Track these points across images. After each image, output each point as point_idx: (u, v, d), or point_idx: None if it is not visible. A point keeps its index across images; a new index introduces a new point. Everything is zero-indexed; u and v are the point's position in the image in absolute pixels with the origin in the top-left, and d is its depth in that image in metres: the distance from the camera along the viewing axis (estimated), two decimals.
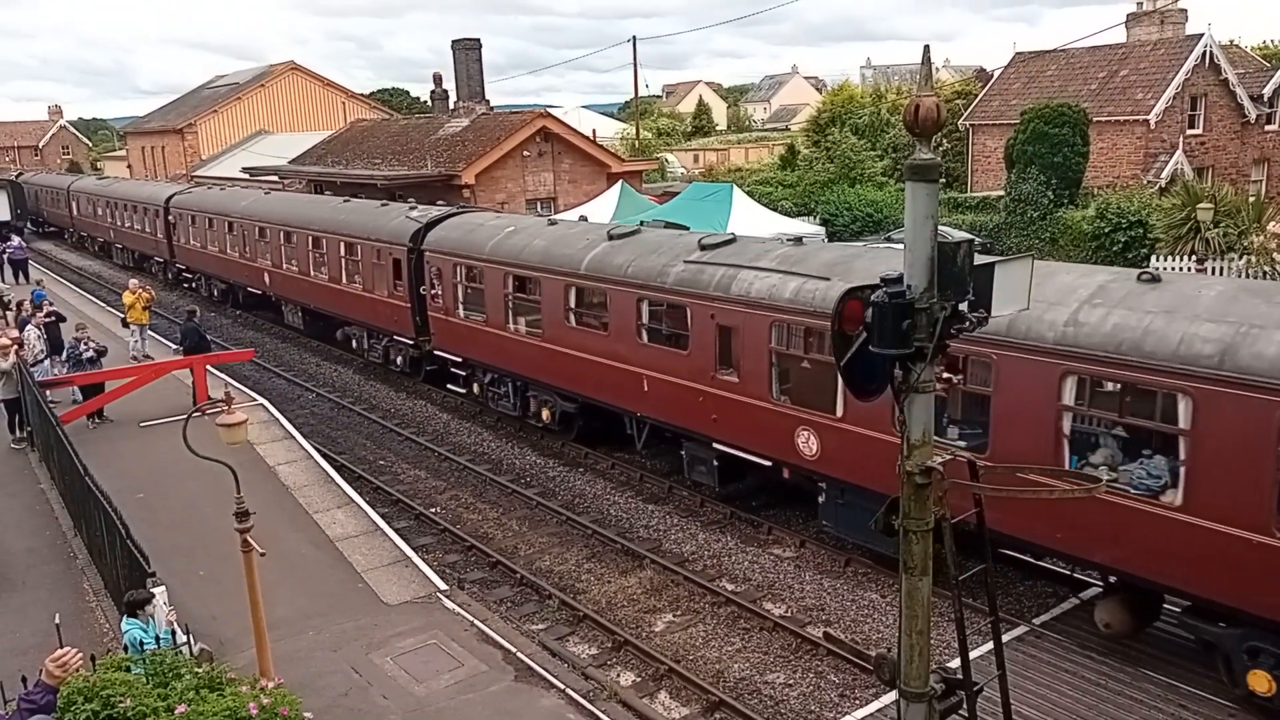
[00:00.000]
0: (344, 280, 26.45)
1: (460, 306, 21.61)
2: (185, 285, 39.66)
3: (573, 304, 18.21)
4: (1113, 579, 11.48)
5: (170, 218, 38.86)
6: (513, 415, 21.09)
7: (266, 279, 31.40)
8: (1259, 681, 9.92)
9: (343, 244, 26.33)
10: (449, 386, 23.31)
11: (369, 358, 26.74)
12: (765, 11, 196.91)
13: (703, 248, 16.08)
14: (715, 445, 15.74)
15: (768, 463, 14.92)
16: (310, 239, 28.13)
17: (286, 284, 30.16)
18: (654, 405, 16.71)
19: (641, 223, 19.75)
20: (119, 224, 46.34)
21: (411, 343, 23.85)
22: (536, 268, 18.97)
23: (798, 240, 16.00)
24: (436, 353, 22.95)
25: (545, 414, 19.88)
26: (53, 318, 23.50)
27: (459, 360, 22.27)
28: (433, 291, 22.48)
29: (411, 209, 24.95)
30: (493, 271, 20.23)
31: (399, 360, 25.10)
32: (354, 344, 27.41)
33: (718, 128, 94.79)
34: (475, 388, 22.19)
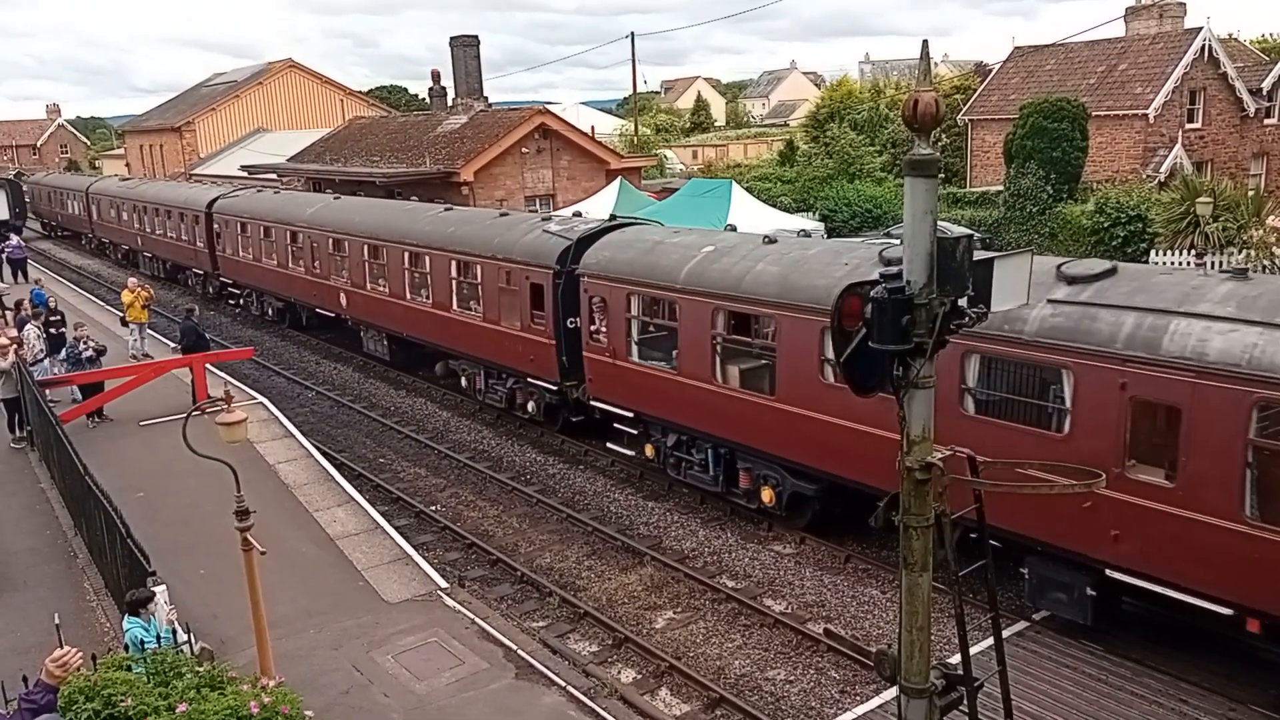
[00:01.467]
0: (455, 306, 22.13)
1: (634, 348, 17.32)
2: (230, 302, 35.70)
3: (830, 354, 13.18)
4: None
5: (214, 225, 34.78)
6: (711, 491, 16.62)
7: (343, 300, 26.96)
8: None
9: (454, 262, 22.03)
10: (609, 445, 18.72)
11: (486, 400, 22.17)
12: (763, 7, 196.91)
13: (1071, 281, 11.59)
14: (1109, 572, 11.11)
15: (1225, 610, 10.30)
16: (407, 255, 23.60)
17: (371, 307, 25.71)
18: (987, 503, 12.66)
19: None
20: (148, 230, 41.68)
21: (555, 388, 19.51)
22: (769, 303, 14.53)
23: (1242, 273, 11.24)
24: (594, 404, 18.52)
25: (766, 494, 15.40)
26: (58, 316, 23.60)
27: (627, 414, 17.80)
28: (591, 327, 18.23)
29: (546, 219, 20.89)
30: (692, 305, 15.83)
31: (530, 407, 20.61)
32: (464, 382, 22.89)
33: (716, 124, 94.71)
34: (649, 450, 17.65)
